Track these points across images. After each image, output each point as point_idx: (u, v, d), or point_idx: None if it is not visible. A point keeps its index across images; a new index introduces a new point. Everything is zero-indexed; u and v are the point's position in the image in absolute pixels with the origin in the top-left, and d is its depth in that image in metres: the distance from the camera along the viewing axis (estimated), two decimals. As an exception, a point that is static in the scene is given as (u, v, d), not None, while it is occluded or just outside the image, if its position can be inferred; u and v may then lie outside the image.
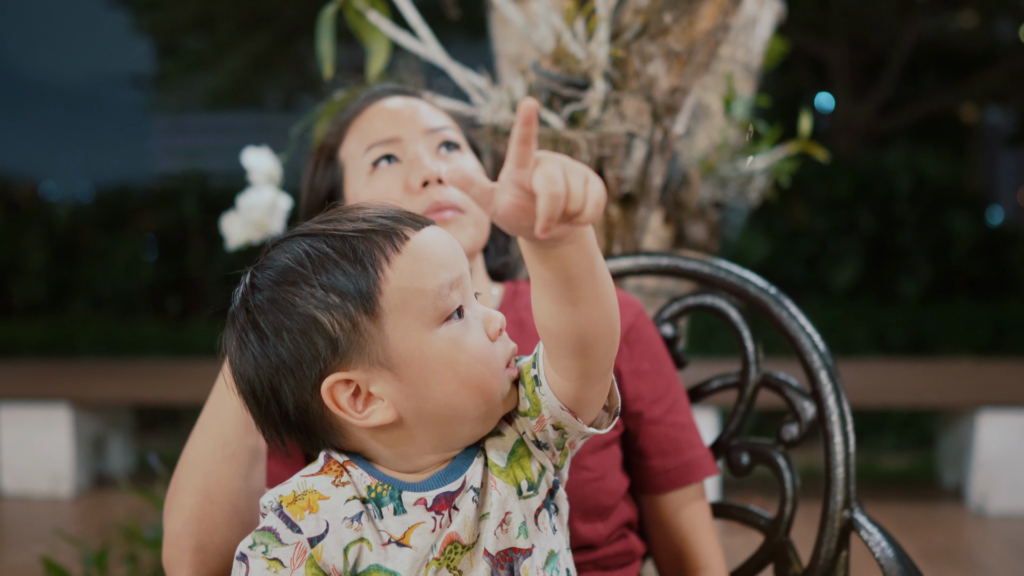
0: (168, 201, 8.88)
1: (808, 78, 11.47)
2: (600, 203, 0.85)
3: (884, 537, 1.35)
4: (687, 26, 1.69)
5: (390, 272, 0.99)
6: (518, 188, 0.85)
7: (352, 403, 1.01)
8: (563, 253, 0.89)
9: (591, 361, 0.98)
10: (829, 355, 1.48)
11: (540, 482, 1.06)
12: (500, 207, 0.86)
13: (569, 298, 0.93)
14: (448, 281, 1.00)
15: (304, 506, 1.01)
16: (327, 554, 1.00)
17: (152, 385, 5.77)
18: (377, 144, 1.43)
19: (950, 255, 7.61)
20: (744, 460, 1.53)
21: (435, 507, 1.02)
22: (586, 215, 0.85)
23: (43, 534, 4.38)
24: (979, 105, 13.15)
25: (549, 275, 0.91)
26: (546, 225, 0.83)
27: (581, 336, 0.95)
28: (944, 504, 5.04)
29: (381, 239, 1.00)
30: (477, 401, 1.01)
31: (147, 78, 13.85)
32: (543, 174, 0.83)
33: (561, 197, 0.83)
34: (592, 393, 1.02)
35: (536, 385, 1.02)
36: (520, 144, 0.84)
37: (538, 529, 1.05)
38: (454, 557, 1.01)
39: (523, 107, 0.83)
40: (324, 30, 1.88)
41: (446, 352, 1.00)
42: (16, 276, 8.93)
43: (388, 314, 0.99)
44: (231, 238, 1.91)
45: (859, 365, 5.63)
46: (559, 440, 1.05)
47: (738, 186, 2.44)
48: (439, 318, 1.00)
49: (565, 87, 1.67)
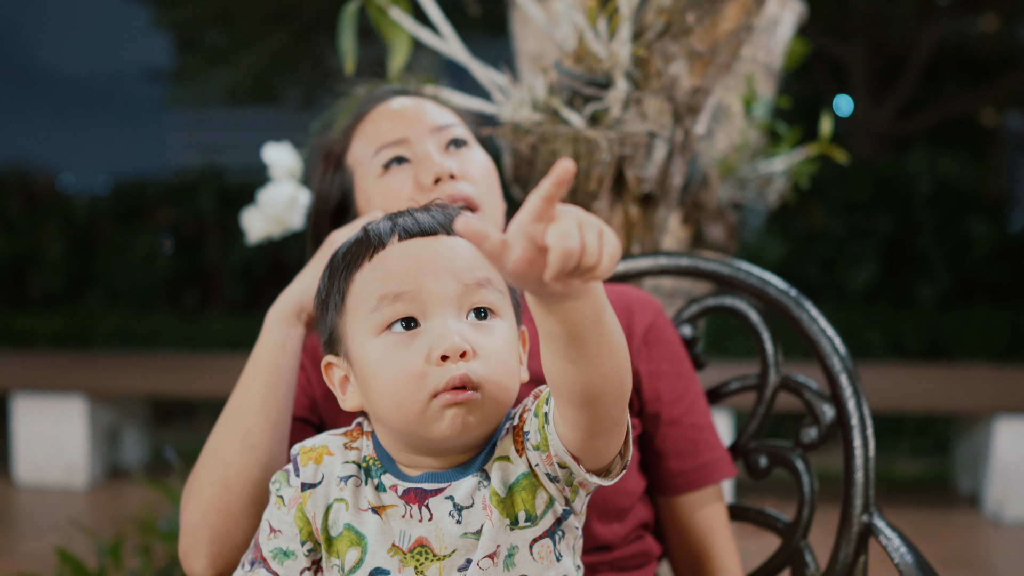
0: (185, 195, 8.90)
1: (828, 81, 11.42)
2: (616, 257, 0.83)
3: (903, 543, 1.34)
4: (710, 26, 1.69)
5: (357, 276, 1.08)
6: (529, 241, 0.81)
7: (339, 383, 1.12)
8: (570, 308, 0.86)
9: (595, 415, 0.95)
10: (849, 358, 1.47)
11: (546, 513, 1.05)
12: (510, 263, 0.82)
13: (572, 355, 0.90)
14: (390, 293, 1.04)
15: (312, 456, 1.11)
16: (312, 503, 1.08)
17: (167, 378, 5.79)
18: (386, 146, 1.43)
19: (968, 260, 7.56)
20: (762, 462, 1.52)
21: (404, 497, 1.06)
22: (601, 270, 0.82)
23: (58, 524, 4.40)
24: (999, 109, 13.05)
25: (555, 330, 0.89)
26: (556, 276, 0.81)
27: (584, 391, 0.93)
28: (960, 511, 5.00)
29: (373, 245, 1.08)
30: (395, 415, 1.04)
31: (166, 73, 13.89)
32: (558, 229, 0.80)
33: (575, 253, 0.80)
34: (599, 444, 0.99)
35: (546, 423, 1.01)
36: (544, 201, 0.80)
37: (533, 558, 1.04)
38: (423, 561, 1.03)
39: (560, 168, 0.80)
40: (346, 26, 1.89)
41: (374, 361, 1.05)
42: (33, 267, 8.97)
43: (350, 314, 1.08)
44: (251, 232, 1.91)
45: (875, 369, 5.59)
46: (567, 478, 1.04)
47: (757, 187, 2.43)
48: (377, 327, 1.05)
49: (586, 86, 1.67)
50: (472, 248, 1.08)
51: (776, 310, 1.52)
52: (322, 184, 1.53)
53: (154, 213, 9.03)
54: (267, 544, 1.10)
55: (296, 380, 1.33)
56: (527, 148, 1.67)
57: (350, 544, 1.06)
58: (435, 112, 1.47)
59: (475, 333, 1.04)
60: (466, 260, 1.07)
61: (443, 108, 1.51)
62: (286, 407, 1.30)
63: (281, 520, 1.09)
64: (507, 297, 1.10)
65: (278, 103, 13.26)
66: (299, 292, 1.33)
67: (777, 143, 2.48)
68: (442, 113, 1.48)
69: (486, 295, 1.06)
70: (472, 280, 1.06)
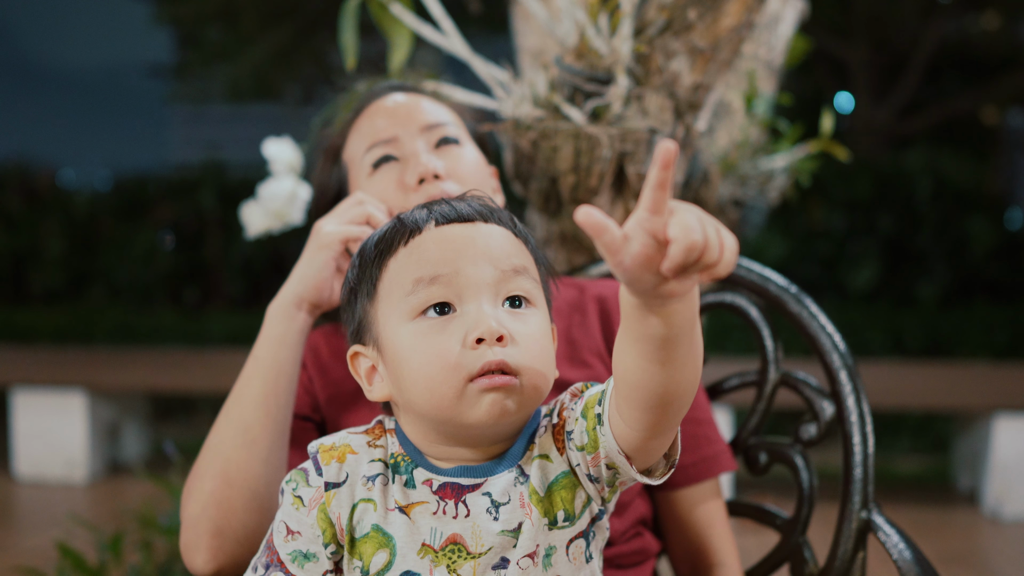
0: (186, 191, 8.91)
1: (829, 78, 11.41)
2: (735, 254, 0.81)
3: (902, 539, 1.34)
4: (711, 23, 1.69)
5: (391, 262, 1.06)
6: (649, 237, 0.79)
7: (366, 374, 1.09)
8: (674, 311, 0.85)
9: (664, 417, 0.94)
10: (849, 355, 1.47)
11: (583, 513, 1.04)
12: (627, 257, 0.79)
13: (662, 357, 0.88)
14: (427, 276, 1.02)
15: (334, 455, 1.07)
16: (336, 503, 1.05)
17: (168, 374, 5.79)
18: (376, 145, 1.43)
19: (969, 258, 7.56)
20: (762, 459, 1.53)
21: (439, 492, 1.03)
22: (723, 266, 0.80)
23: (58, 519, 4.40)
24: (1001, 108, 13.05)
25: (653, 332, 0.86)
26: (675, 271, 0.79)
27: (662, 395, 0.91)
28: (959, 508, 5.01)
29: (408, 230, 1.06)
30: (429, 401, 1.01)
31: (167, 68, 13.88)
32: (680, 223, 0.78)
33: (699, 247, 0.77)
34: (655, 444, 0.98)
35: (598, 424, 0.99)
36: (657, 189, 0.78)
37: (568, 559, 1.03)
38: (456, 560, 1.01)
39: (662, 150, 0.77)
40: (347, 22, 1.89)
41: (408, 345, 1.03)
42: (34, 263, 8.98)
43: (382, 300, 1.06)
44: (250, 227, 1.91)
45: (875, 367, 5.59)
46: (611, 479, 1.02)
47: (758, 185, 2.43)
48: (411, 312, 1.03)
49: (587, 82, 1.67)
50: (508, 236, 1.08)
51: (776, 306, 1.52)
52: (321, 178, 1.54)
53: (155, 209, 9.04)
54: (285, 547, 1.06)
55: (298, 373, 1.33)
56: (528, 144, 1.67)
57: (378, 546, 1.03)
58: (429, 109, 1.47)
59: (511, 320, 1.02)
60: (503, 247, 1.05)
61: (440, 104, 1.50)
62: (287, 401, 1.30)
63: (300, 521, 1.05)
64: (541, 288, 1.09)
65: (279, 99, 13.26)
66: (295, 283, 1.33)
67: (778, 140, 2.48)
68: (437, 110, 1.48)
69: (522, 283, 1.05)
70: (509, 267, 1.04)
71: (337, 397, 1.38)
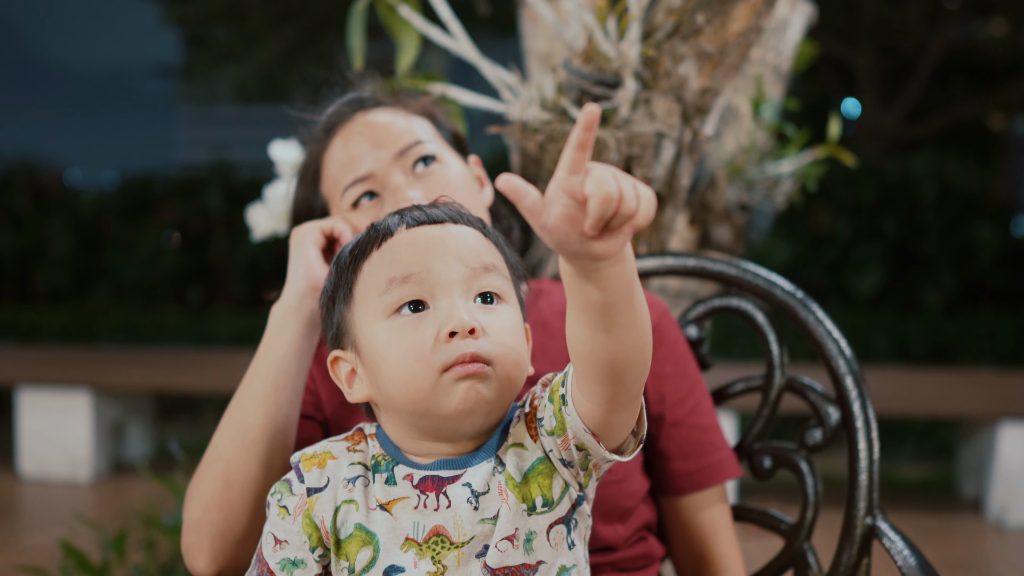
0: (192, 192, 8.92)
1: (835, 83, 11.41)
2: (653, 204, 0.84)
3: (907, 545, 1.34)
4: (719, 27, 1.69)
5: (366, 265, 1.09)
6: (568, 197, 0.83)
7: (346, 378, 1.12)
8: (608, 274, 0.88)
9: (620, 387, 0.97)
10: (855, 361, 1.47)
11: (562, 499, 1.06)
12: (551, 218, 0.84)
13: (605, 324, 0.92)
14: (399, 275, 1.06)
15: (315, 462, 1.10)
16: (319, 506, 1.07)
17: (172, 373, 5.80)
18: (352, 185, 1.40)
19: (974, 265, 7.55)
20: (767, 464, 1.52)
21: (420, 486, 1.06)
22: (641, 215, 0.84)
23: (62, 518, 4.41)
24: (1007, 114, 13.04)
25: (588, 299, 0.90)
26: (595, 225, 0.82)
27: (613, 363, 0.94)
28: (963, 515, 5.00)
29: (381, 234, 1.10)
30: (405, 394, 1.04)
31: (174, 69, 13.91)
32: (594, 178, 0.82)
33: (614, 199, 0.81)
34: (618, 419, 1.01)
35: (563, 404, 1.02)
36: (576, 149, 0.82)
37: (549, 544, 1.05)
38: (440, 551, 1.04)
39: (587, 111, 0.81)
40: (355, 23, 1.89)
41: (384, 342, 1.06)
42: (40, 262, 9.00)
43: (358, 303, 1.09)
44: (257, 229, 1.91)
45: (880, 373, 5.58)
46: (583, 461, 1.05)
47: (764, 189, 2.43)
48: (386, 310, 1.07)
49: (595, 85, 1.67)
50: (478, 236, 1.11)
51: (782, 312, 1.52)
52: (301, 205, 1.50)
53: (161, 209, 9.06)
54: (273, 556, 1.08)
55: (305, 371, 1.33)
56: (535, 147, 1.67)
57: (362, 544, 1.06)
58: (398, 129, 1.41)
59: (483, 314, 1.06)
60: (472, 246, 1.09)
61: (407, 114, 1.45)
62: (289, 401, 1.29)
63: (287, 530, 1.08)
64: (512, 286, 1.12)
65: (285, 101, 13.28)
66: (291, 282, 1.35)
67: (785, 145, 2.48)
68: (406, 126, 1.42)
69: (493, 280, 1.08)
70: (479, 264, 1.08)
71: (340, 394, 1.37)
